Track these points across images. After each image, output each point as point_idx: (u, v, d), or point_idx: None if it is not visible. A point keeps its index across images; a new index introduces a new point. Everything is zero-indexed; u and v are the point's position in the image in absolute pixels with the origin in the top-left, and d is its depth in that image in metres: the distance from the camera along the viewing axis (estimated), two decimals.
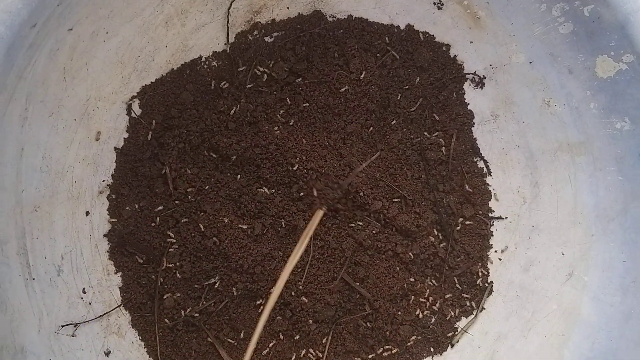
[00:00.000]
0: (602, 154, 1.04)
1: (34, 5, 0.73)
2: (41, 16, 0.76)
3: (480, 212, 1.15)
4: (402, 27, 1.13)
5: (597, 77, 1.00)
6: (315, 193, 1.04)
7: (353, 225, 1.09)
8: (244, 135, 1.07)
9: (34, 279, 0.92)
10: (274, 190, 1.08)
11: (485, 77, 1.14)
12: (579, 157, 1.07)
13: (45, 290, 0.94)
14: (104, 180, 1.02)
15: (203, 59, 1.07)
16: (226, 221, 1.05)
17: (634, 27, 0.92)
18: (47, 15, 0.77)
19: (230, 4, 1.03)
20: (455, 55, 1.14)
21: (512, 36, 1.07)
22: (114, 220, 1.04)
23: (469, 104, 1.15)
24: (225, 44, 1.07)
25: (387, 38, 1.12)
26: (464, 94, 1.15)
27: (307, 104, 1.09)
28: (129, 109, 1.02)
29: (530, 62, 1.07)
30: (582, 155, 1.07)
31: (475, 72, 1.14)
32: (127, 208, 1.04)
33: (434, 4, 1.09)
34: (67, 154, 0.95)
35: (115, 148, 1.03)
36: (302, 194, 1.07)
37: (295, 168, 1.07)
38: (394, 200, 1.12)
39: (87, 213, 1.01)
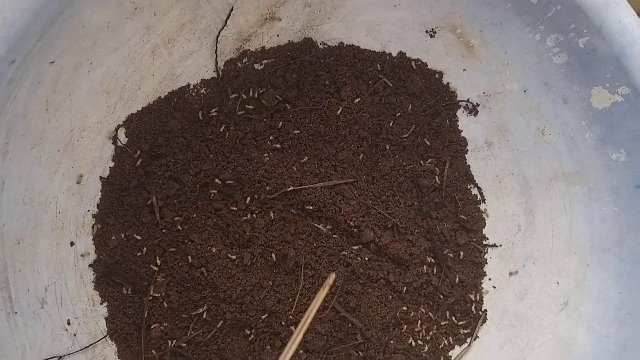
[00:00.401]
0: (597, 184, 1.02)
1: (12, 43, 0.71)
2: (20, 52, 0.74)
3: (474, 239, 1.14)
4: (394, 54, 1.11)
5: (592, 108, 0.98)
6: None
7: (345, 253, 1.07)
8: (233, 163, 1.05)
9: (16, 312, 0.90)
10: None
11: (478, 105, 1.12)
12: (574, 186, 1.05)
13: (28, 323, 0.92)
14: (89, 210, 1.00)
15: (191, 87, 1.05)
16: (214, 251, 1.03)
17: (629, 60, 0.90)
18: (27, 51, 0.76)
19: (219, 32, 1.01)
20: (448, 83, 1.12)
21: (505, 65, 1.05)
22: (98, 251, 1.02)
23: (462, 130, 1.14)
24: (213, 71, 1.05)
25: (378, 65, 1.10)
26: (457, 121, 1.13)
27: (298, 131, 1.07)
28: (115, 138, 1.00)
29: (525, 91, 1.05)
30: (578, 185, 1.05)
31: (468, 99, 1.12)
32: (113, 237, 1.02)
33: (426, 32, 1.07)
34: (51, 185, 0.94)
35: (101, 177, 1.01)
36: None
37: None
38: (386, 228, 1.10)
39: (72, 243, 0.99)
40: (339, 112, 1.07)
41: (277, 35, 1.06)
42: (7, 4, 0.69)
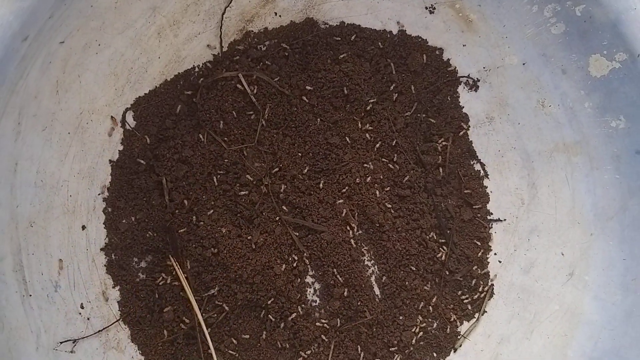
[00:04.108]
0: (598, 153, 1.04)
1: (25, 18, 0.72)
2: (33, 29, 0.75)
3: (479, 215, 1.15)
4: (395, 32, 1.13)
5: (590, 77, 1.00)
6: None
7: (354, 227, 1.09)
8: (239, 143, 1.07)
9: (30, 295, 0.91)
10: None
11: (479, 80, 1.14)
12: (575, 156, 1.07)
13: (42, 306, 0.92)
14: (99, 194, 1.01)
15: (196, 70, 1.06)
16: (224, 231, 1.04)
17: (626, 26, 0.92)
18: (39, 28, 0.77)
19: (223, 14, 1.03)
20: (448, 59, 1.14)
21: (504, 38, 1.07)
22: (109, 235, 1.03)
23: (463, 107, 1.15)
24: (218, 53, 1.06)
25: (380, 43, 1.12)
26: (459, 97, 1.15)
27: (301, 109, 1.09)
28: (124, 121, 1.01)
29: (524, 64, 1.07)
30: (579, 155, 1.07)
31: (469, 75, 1.14)
32: (124, 221, 1.03)
33: (426, 8, 1.09)
34: (62, 168, 0.94)
35: (110, 161, 1.02)
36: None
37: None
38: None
39: (83, 227, 1.00)
40: (341, 91, 1.09)
41: (280, 16, 1.07)
42: None
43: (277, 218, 1.07)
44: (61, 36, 0.83)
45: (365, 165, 1.10)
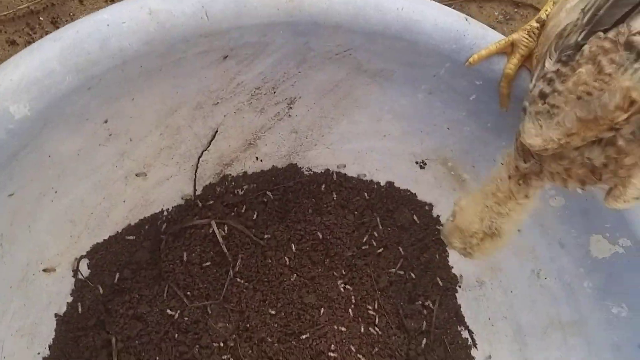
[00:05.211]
0: (596, 339, 0.94)
1: None
2: None
3: None
4: (382, 183, 1.05)
5: (591, 256, 0.92)
6: None
7: None
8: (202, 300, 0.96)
9: None
10: None
11: None
12: (572, 337, 0.98)
13: None
14: (39, 353, 0.89)
15: (165, 213, 0.97)
16: None
17: (630, 212, 0.85)
18: None
19: (199, 158, 0.95)
20: (438, 216, 1.06)
21: None
22: None
23: (452, 267, 1.07)
24: (190, 197, 0.98)
25: (366, 194, 1.04)
26: (448, 256, 1.07)
27: (276, 262, 0.99)
28: (76, 271, 0.91)
29: (519, 230, 0.99)
30: (575, 336, 0.97)
31: None
32: None
33: (416, 162, 1.03)
34: None
35: (56, 315, 0.90)
36: None
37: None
38: None
39: None
40: (322, 242, 1.00)
41: (261, 161, 1.00)
42: None
43: None
44: (10, 189, 0.73)
45: (342, 329, 0.99)
